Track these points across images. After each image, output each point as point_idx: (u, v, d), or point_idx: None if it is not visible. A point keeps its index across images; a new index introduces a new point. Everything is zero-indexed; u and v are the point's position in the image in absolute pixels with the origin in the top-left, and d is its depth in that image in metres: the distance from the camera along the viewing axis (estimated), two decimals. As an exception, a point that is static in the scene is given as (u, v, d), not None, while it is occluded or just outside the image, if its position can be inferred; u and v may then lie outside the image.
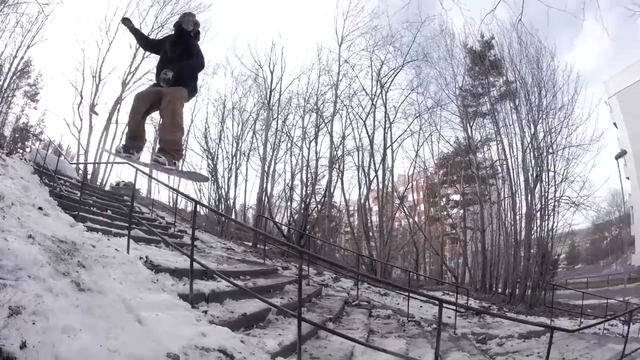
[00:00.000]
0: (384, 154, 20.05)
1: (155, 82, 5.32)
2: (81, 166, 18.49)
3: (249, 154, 21.65)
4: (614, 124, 36.99)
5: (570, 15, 22.03)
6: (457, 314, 12.41)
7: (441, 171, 26.22)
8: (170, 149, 5.12)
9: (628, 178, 36.76)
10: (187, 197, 14.89)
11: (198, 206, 16.72)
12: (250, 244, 16.57)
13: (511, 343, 10.24)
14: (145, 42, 5.76)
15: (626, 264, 44.60)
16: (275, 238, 17.74)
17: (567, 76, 19.57)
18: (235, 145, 21.83)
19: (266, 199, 20.56)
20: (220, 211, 19.95)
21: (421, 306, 12.64)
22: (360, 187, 21.13)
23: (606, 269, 47.19)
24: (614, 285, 26.85)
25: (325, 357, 4.30)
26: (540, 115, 19.12)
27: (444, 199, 28.22)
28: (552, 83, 19.48)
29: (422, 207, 28.54)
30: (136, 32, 5.55)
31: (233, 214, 21.33)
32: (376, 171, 20.15)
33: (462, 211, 24.51)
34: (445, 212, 27.33)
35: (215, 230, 17.96)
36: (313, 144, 21.23)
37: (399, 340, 6.80)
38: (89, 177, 18.46)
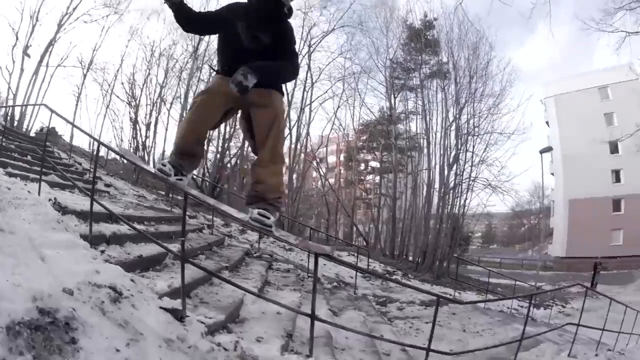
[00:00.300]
0: (300, 113, 20.33)
1: (218, 72, 3.48)
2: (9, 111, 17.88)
3: (172, 102, 21.17)
4: (547, 122, 41.50)
5: (517, 12, 23.59)
6: (361, 275, 13.19)
7: (363, 137, 27.25)
8: (272, 197, 3.48)
9: (553, 174, 40.59)
10: (90, 136, 14.49)
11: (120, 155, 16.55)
12: (163, 192, 16.49)
13: (412, 309, 10.91)
14: (190, 18, 3.31)
15: (542, 252, 49.19)
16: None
17: (503, 68, 21.34)
18: (158, 92, 21.25)
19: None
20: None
21: (325, 264, 13.02)
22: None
23: (521, 253, 52.47)
24: (528, 270, 29.26)
25: (214, 302, 4.55)
26: (467, 98, 20.58)
27: (362, 164, 29.50)
28: (485, 71, 20.97)
29: (341, 170, 29.56)
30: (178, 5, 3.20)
31: (151, 162, 20.89)
32: (290, 129, 20.37)
33: (378, 178, 25.76)
34: (362, 177, 28.56)
35: (132, 179, 17.62)
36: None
37: (294, 293, 7.02)
38: (15, 122, 18.15)
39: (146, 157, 20.56)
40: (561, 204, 39.70)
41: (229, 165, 21.54)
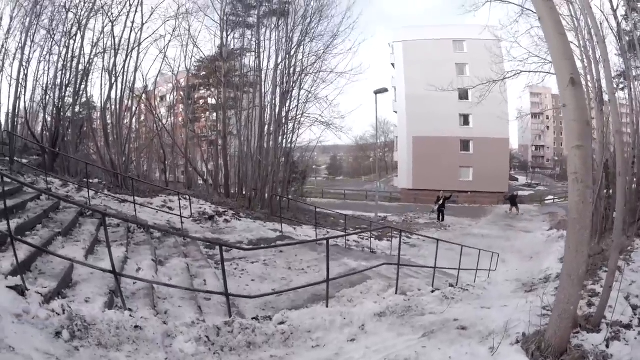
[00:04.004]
0: (128, 55, 20.06)
1: None
2: None
3: (15, 54, 19.33)
4: (392, 64, 47.40)
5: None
6: (192, 219, 14.22)
7: (203, 73, 27.70)
8: None
9: (396, 112, 47.21)
10: None
11: None
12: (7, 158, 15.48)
13: (245, 247, 11.76)
14: None
15: (389, 184, 54.65)
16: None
17: (343, 11, 23.42)
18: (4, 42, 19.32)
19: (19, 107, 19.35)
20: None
21: (157, 212, 13.99)
22: (101, 89, 20.84)
23: (368, 184, 56.61)
24: (373, 201, 32.17)
25: (50, 271, 5.43)
26: (301, 37, 22.43)
27: (201, 102, 30.03)
28: (321, 12, 22.81)
29: (181, 109, 29.79)
30: None
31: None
32: (114, 73, 19.97)
33: (215, 115, 26.61)
34: (197, 115, 29.17)
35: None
36: (72, 42, 19.88)
37: (120, 248, 7.85)
38: None
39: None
40: (405, 140, 45.37)
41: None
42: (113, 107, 20.59)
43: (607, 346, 4.56)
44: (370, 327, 5.79)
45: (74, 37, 19.69)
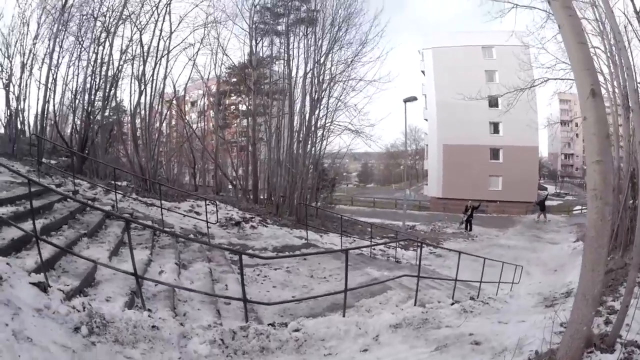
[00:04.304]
0: (156, 62, 20.47)
1: None
2: None
3: (43, 58, 19.86)
4: (422, 71, 47.16)
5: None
6: (218, 225, 14.38)
7: (234, 79, 28.11)
8: None
9: (426, 120, 47.24)
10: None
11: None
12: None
13: (268, 254, 12.08)
14: None
15: (419, 192, 54.38)
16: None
17: (371, 19, 24.00)
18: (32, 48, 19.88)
19: (48, 110, 20.00)
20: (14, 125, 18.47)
21: (184, 216, 14.16)
22: (130, 95, 21.44)
23: (398, 192, 55.86)
24: (402, 209, 32.08)
25: (73, 270, 5.67)
26: (330, 45, 22.49)
27: (232, 108, 30.45)
28: (349, 21, 22.94)
29: (211, 114, 30.27)
30: None
31: (27, 126, 20.16)
32: (143, 80, 20.36)
33: (245, 122, 26.89)
34: (227, 121, 29.57)
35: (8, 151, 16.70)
36: (101, 49, 20.48)
37: (144, 251, 8.07)
38: None
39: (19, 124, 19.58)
40: (435, 148, 45.11)
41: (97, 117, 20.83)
42: (142, 112, 20.98)
43: None
44: (385, 338, 5.79)
45: (103, 44, 20.19)
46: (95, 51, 20.21)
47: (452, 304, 7.99)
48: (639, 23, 12.93)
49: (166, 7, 20.15)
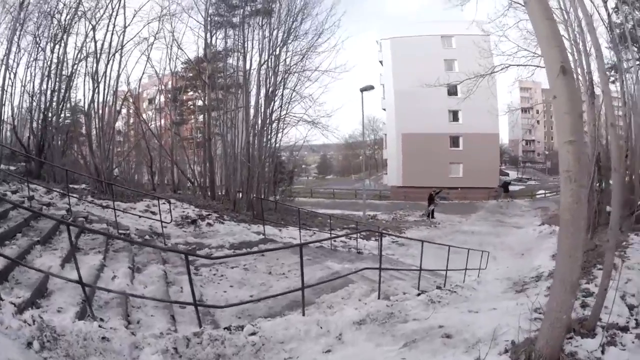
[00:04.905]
0: (109, 58, 19.65)
1: None
2: None
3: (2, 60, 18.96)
4: (380, 61, 47.61)
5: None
6: (175, 224, 13.86)
7: (190, 74, 27.33)
8: None
9: (384, 109, 47.82)
10: None
11: None
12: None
13: (221, 254, 11.45)
14: None
15: (379, 182, 54.69)
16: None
17: (327, 9, 23.27)
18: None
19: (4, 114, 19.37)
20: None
21: (139, 217, 13.60)
22: (84, 95, 20.47)
23: (357, 182, 56.31)
24: (362, 199, 31.95)
25: (26, 280, 5.37)
26: (285, 36, 22.20)
27: (190, 103, 29.69)
28: (304, 11, 22.73)
29: (169, 111, 29.48)
30: None
31: None
32: (96, 78, 19.49)
33: (201, 117, 26.25)
34: (184, 117, 28.87)
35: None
36: (58, 48, 19.75)
37: (97, 256, 7.62)
38: None
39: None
40: (394, 137, 45.46)
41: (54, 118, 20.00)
42: (98, 112, 20.23)
43: (603, 352, 4.26)
44: (348, 336, 5.47)
45: (59, 43, 19.48)
46: (52, 50, 19.54)
47: (419, 294, 7.78)
48: (605, 11, 13.30)
49: (120, 1, 19.43)
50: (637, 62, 14.95)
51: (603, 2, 13.19)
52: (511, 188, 40.10)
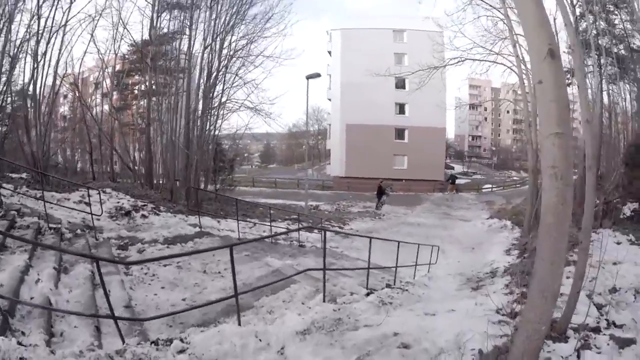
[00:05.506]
0: (51, 36, 18.52)
1: None
2: None
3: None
4: (329, 52, 47.94)
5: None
6: (108, 215, 13.01)
7: (134, 57, 25.97)
8: None
9: (330, 100, 48.03)
10: None
11: None
12: None
13: (153, 249, 10.85)
14: None
15: (322, 172, 54.58)
16: None
17: None
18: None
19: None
20: None
21: (73, 208, 12.53)
22: (23, 75, 19.27)
23: (300, 172, 55.06)
24: (304, 189, 31.46)
25: None
26: (234, 19, 21.45)
27: (134, 88, 28.31)
28: None
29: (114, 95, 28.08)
30: None
31: None
32: (36, 57, 18.20)
33: (144, 101, 24.90)
34: (127, 102, 27.46)
35: None
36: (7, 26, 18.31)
37: (23, 255, 6.74)
38: None
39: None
40: (338, 128, 45.76)
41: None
42: (38, 95, 19.13)
43: (579, 357, 4.10)
44: (292, 350, 4.70)
45: (7, 21, 17.93)
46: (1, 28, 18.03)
47: (368, 294, 7.20)
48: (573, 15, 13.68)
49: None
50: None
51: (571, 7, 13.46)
52: (458, 181, 40.82)
